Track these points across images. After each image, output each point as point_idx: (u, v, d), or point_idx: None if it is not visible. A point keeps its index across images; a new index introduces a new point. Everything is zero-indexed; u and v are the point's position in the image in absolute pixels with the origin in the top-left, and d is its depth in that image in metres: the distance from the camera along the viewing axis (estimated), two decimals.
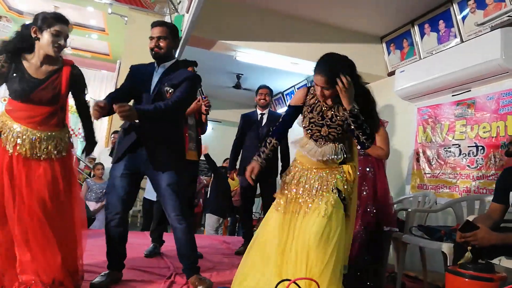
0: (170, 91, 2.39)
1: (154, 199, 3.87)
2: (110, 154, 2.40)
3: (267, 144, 2.16)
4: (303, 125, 2.16)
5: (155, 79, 2.46)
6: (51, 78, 2.11)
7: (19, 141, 2.02)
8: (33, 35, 2.08)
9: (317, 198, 2.02)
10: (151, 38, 2.45)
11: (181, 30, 4.10)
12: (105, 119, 8.63)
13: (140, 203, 8.16)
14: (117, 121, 7.57)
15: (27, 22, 2.17)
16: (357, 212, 2.77)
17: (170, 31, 2.48)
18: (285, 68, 4.89)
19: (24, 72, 2.06)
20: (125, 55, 7.74)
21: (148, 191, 5.34)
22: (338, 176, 2.07)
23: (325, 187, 2.05)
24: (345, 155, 2.09)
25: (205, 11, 3.43)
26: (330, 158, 2.06)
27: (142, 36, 7.73)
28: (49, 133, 2.09)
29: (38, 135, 2.06)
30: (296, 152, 2.23)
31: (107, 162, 5.57)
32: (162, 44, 2.43)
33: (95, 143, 2.41)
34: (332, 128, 2.07)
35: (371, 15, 4.07)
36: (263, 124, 3.73)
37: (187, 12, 3.76)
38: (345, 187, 2.06)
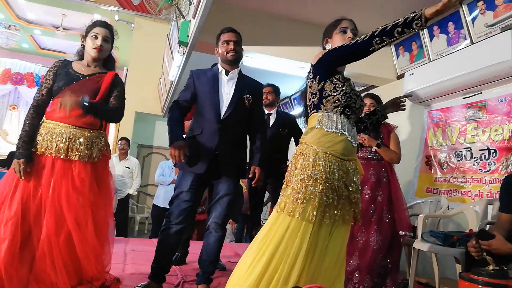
0: (250, 98, 2.39)
1: (165, 205, 3.78)
2: (175, 165, 2.37)
3: None
4: (332, 94, 1.74)
5: (226, 86, 2.40)
6: (95, 75, 2.21)
7: (58, 141, 2.06)
8: (81, 43, 2.28)
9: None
10: (227, 42, 2.40)
11: (188, 36, 4.10)
12: (112, 126, 8.66)
13: (148, 210, 8.16)
14: (124, 129, 7.59)
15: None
16: (372, 218, 2.73)
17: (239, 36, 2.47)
18: (292, 72, 4.85)
19: (69, 69, 2.18)
20: (132, 61, 7.78)
21: (157, 197, 5.32)
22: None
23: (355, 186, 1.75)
24: None
25: (211, 17, 3.41)
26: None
27: (149, 42, 7.77)
28: (84, 133, 2.12)
29: (73, 132, 2.09)
30: (316, 137, 1.70)
31: (113, 169, 5.57)
32: (238, 48, 2.40)
33: (98, 112, 2.20)
34: (360, 99, 1.84)
35: (377, 18, 4.00)
36: (270, 125, 3.45)
37: (194, 18, 3.75)
38: None
